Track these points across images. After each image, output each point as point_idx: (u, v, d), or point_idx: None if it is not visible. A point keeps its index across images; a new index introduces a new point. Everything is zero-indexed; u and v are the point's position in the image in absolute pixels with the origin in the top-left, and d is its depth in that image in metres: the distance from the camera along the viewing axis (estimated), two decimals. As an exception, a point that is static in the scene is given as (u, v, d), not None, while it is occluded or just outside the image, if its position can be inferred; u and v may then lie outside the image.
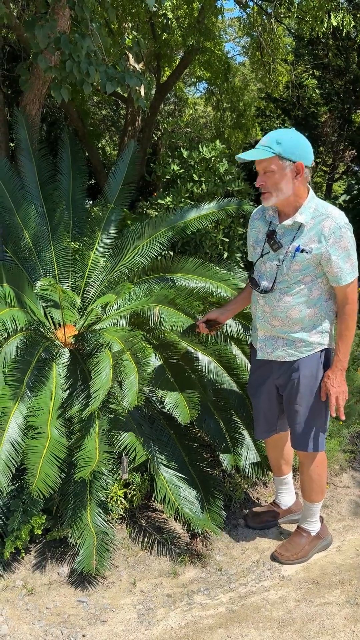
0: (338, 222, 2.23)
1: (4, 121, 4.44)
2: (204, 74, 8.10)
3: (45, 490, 2.34)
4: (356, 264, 2.28)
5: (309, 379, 2.41)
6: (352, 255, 2.26)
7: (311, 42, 9.15)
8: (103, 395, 2.51)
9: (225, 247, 4.59)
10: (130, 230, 3.93)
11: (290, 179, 2.21)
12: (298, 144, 2.19)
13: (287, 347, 2.41)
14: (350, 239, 2.25)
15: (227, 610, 2.39)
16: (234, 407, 3.07)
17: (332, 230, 2.22)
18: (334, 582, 2.53)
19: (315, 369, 2.41)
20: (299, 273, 2.29)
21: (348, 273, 2.26)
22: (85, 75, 3.36)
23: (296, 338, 2.38)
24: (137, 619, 2.34)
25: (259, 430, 2.68)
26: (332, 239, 2.22)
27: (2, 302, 3.00)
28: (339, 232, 2.22)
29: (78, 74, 3.34)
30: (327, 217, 2.23)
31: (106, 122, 10.52)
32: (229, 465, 2.83)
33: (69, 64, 3.29)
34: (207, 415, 2.97)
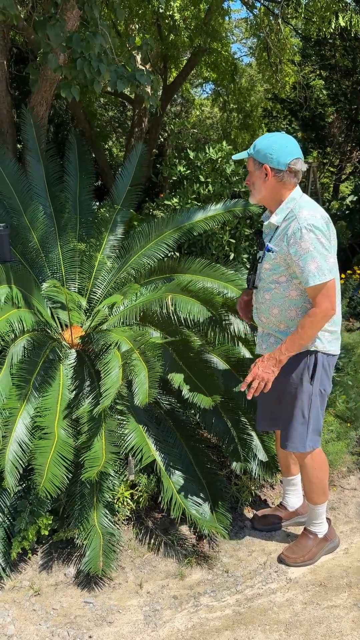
0: (301, 223, 2.26)
1: (11, 123, 4.45)
2: (211, 75, 8.10)
3: (53, 490, 2.34)
4: (324, 268, 2.24)
5: (295, 380, 2.45)
6: (317, 257, 2.23)
7: (318, 43, 9.13)
8: (114, 393, 2.51)
9: (232, 248, 4.59)
10: (137, 232, 3.93)
11: (262, 180, 2.36)
12: (269, 147, 2.31)
13: (277, 344, 2.49)
14: (313, 240, 2.23)
15: (234, 613, 2.38)
16: (242, 408, 3.06)
17: (293, 231, 2.27)
18: (341, 585, 2.52)
19: (301, 372, 2.43)
20: (270, 272, 2.39)
21: (312, 275, 2.24)
22: (96, 74, 3.37)
23: (283, 337, 2.44)
24: (143, 621, 2.33)
25: (259, 422, 2.71)
26: (292, 239, 2.27)
27: (9, 303, 3.01)
28: (299, 233, 2.25)
29: (89, 73, 3.34)
30: (294, 218, 2.29)
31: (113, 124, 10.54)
32: (237, 467, 2.82)
33: (79, 62, 3.30)
34: (216, 416, 2.96)
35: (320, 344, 2.41)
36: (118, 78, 3.47)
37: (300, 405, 2.46)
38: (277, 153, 2.31)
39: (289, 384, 2.46)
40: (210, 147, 4.69)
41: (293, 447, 2.50)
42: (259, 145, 2.34)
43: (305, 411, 2.46)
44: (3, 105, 4.34)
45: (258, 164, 2.35)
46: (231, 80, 7.64)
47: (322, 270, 2.24)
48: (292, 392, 2.46)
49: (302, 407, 2.46)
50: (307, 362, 2.42)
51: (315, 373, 2.43)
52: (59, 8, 3.48)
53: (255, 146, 2.35)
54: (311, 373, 2.43)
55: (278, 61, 7.11)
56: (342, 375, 3.94)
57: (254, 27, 7.14)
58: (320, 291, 2.28)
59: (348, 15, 5.63)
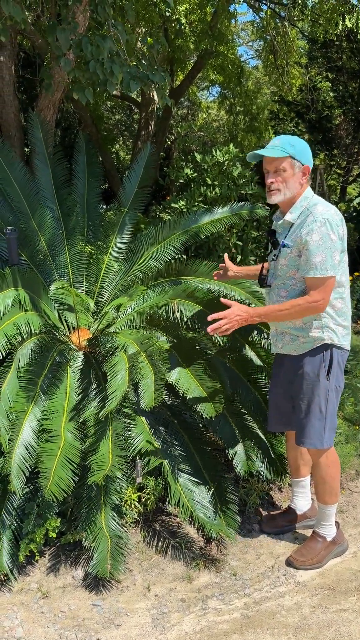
0: (316, 216, 2.32)
1: (18, 126, 4.48)
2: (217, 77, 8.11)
3: (59, 493, 2.34)
4: (328, 263, 2.29)
5: (311, 376, 2.47)
6: (324, 251, 2.29)
7: (325, 45, 9.12)
8: (120, 396, 2.51)
9: (239, 251, 4.58)
10: (144, 234, 3.94)
11: (297, 180, 2.39)
12: (306, 149, 2.40)
13: (292, 342, 2.51)
14: (324, 234, 2.29)
15: (242, 616, 2.37)
16: (250, 411, 3.06)
17: (308, 224, 2.33)
18: (350, 589, 2.50)
19: (317, 367, 2.46)
20: (287, 268, 2.43)
21: (314, 267, 2.30)
22: (109, 75, 3.38)
23: (299, 333, 2.47)
24: (151, 624, 2.33)
25: (270, 422, 2.73)
26: (306, 230, 2.32)
27: (17, 306, 3.02)
28: (313, 225, 2.31)
29: (102, 74, 3.36)
30: (310, 213, 2.35)
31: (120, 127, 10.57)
32: (242, 470, 2.81)
33: (92, 64, 3.31)
34: (222, 418, 2.96)
35: (335, 338, 2.45)
36: (131, 79, 3.48)
37: (317, 401, 2.47)
38: (310, 155, 2.40)
39: (305, 380, 2.48)
40: (217, 149, 4.69)
41: (310, 444, 2.50)
42: (298, 146, 2.36)
43: (322, 407, 2.47)
44: (10, 109, 4.37)
45: (298, 164, 2.37)
46: (238, 83, 7.65)
47: (325, 264, 2.30)
48: (308, 388, 2.48)
49: (320, 402, 2.47)
50: (324, 358, 2.45)
51: (332, 369, 2.45)
52: (70, 11, 3.49)
53: (294, 146, 2.35)
54: (327, 368, 2.45)
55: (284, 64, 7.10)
56: (351, 378, 3.92)
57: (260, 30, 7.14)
58: (317, 284, 2.33)
59: (355, 17, 5.62)
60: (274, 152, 2.34)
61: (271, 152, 2.34)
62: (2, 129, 4.42)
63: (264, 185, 2.51)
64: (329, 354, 2.46)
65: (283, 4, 6.49)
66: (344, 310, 2.47)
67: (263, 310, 2.42)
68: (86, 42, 3.30)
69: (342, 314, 2.47)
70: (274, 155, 2.34)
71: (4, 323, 2.85)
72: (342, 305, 2.46)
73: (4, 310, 2.92)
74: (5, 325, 2.84)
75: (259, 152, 2.38)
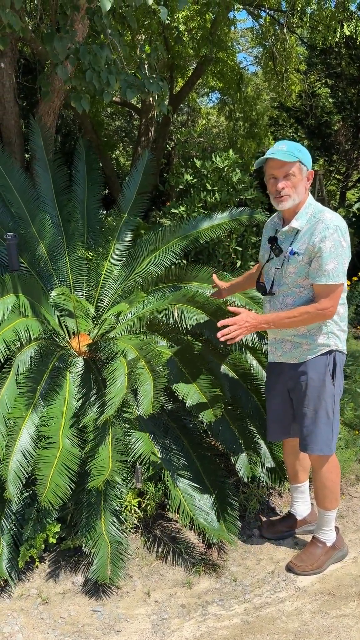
0: (327, 223, 2.32)
1: (19, 133, 4.49)
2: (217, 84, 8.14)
3: (55, 501, 2.34)
4: (340, 270, 2.30)
5: (316, 382, 2.46)
6: (335, 259, 2.30)
7: (324, 52, 9.17)
8: (119, 402, 2.51)
9: (238, 256, 4.59)
10: (144, 240, 3.95)
11: (304, 185, 2.39)
12: (309, 155, 2.41)
13: (294, 349, 2.49)
14: (336, 241, 2.30)
15: (242, 622, 2.36)
16: (249, 415, 3.06)
17: (320, 231, 2.32)
18: (351, 594, 2.50)
19: (322, 373, 2.45)
20: (296, 276, 2.41)
21: (326, 274, 2.30)
22: (105, 85, 3.40)
23: (303, 340, 2.45)
24: (151, 630, 2.32)
25: (271, 432, 2.72)
26: (318, 237, 2.32)
27: (16, 311, 3.02)
28: (325, 232, 2.31)
29: (98, 84, 3.38)
30: (319, 221, 2.34)
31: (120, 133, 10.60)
32: (245, 474, 2.81)
33: (89, 74, 3.34)
34: (223, 424, 2.96)
35: (340, 344, 2.47)
36: (128, 87, 3.50)
37: (324, 406, 2.46)
38: (310, 160, 2.42)
39: (310, 386, 2.46)
40: (216, 155, 4.71)
41: (319, 450, 2.49)
42: (303, 151, 2.37)
43: (329, 412, 2.47)
44: (11, 116, 4.39)
45: (305, 169, 2.37)
46: (237, 89, 7.67)
47: (337, 271, 2.30)
48: (314, 394, 2.46)
49: (327, 408, 2.46)
50: (328, 363, 2.45)
51: (336, 373, 2.46)
52: (68, 19, 3.52)
53: (300, 151, 2.35)
54: (332, 373, 2.45)
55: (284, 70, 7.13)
56: (350, 383, 3.92)
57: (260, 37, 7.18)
58: (328, 292, 2.32)
59: (353, 24, 5.65)
60: (287, 157, 2.31)
61: (285, 157, 2.31)
62: (3, 135, 4.44)
63: (264, 191, 2.51)
64: (332, 358, 2.46)
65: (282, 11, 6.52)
66: (345, 315, 2.49)
67: (271, 317, 2.41)
68: (84, 50, 3.32)
69: (344, 319, 2.48)
70: (288, 159, 2.30)
71: (3, 329, 2.85)
72: (344, 310, 2.48)
73: (3, 316, 2.93)
74: (4, 331, 2.85)
75: (274, 156, 2.31)
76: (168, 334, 3.19)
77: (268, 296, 2.54)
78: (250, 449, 2.92)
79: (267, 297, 2.54)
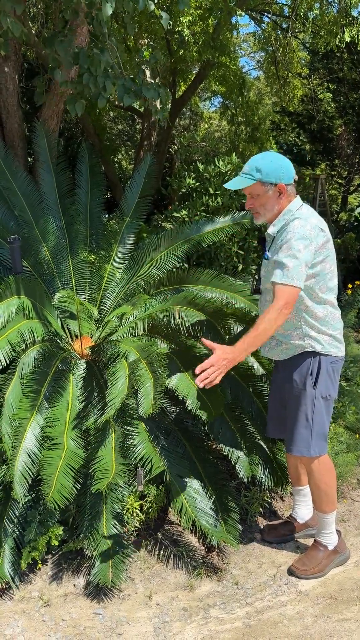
0: (289, 229, 2.38)
1: (22, 136, 4.51)
2: (219, 88, 8.16)
3: (61, 501, 2.34)
4: (292, 273, 2.29)
5: (298, 384, 2.51)
6: (292, 261, 2.30)
7: (326, 56, 9.20)
8: (119, 403, 2.52)
9: (240, 260, 4.60)
10: (146, 243, 3.96)
11: (274, 199, 2.44)
12: (277, 166, 2.40)
13: (277, 346, 2.57)
14: (294, 246, 2.31)
15: (244, 625, 2.36)
16: (251, 417, 3.06)
17: (282, 238, 2.40)
18: (352, 598, 2.50)
19: (304, 376, 2.50)
20: (265, 279, 2.53)
21: (283, 275, 2.31)
22: (101, 89, 3.42)
23: (282, 339, 2.52)
24: (153, 633, 2.32)
25: (269, 428, 2.77)
26: (279, 244, 2.40)
27: (20, 314, 3.03)
28: (285, 238, 2.37)
29: (94, 88, 3.40)
30: (286, 229, 2.40)
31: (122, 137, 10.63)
32: (245, 475, 2.81)
33: (85, 78, 3.36)
34: (223, 425, 2.96)
35: (319, 346, 2.47)
36: (125, 92, 3.52)
37: (303, 409, 2.50)
38: (286, 169, 2.43)
39: (293, 388, 2.53)
40: (219, 159, 4.72)
41: (297, 451, 2.54)
42: (265, 168, 2.39)
43: (308, 415, 2.50)
44: (14, 119, 4.41)
45: (270, 185, 2.41)
46: (239, 94, 7.70)
47: (290, 273, 2.30)
48: (296, 395, 2.52)
49: (306, 411, 2.50)
50: (311, 367, 2.48)
51: (319, 378, 2.47)
52: (68, 24, 3.54)
53: (260, 170, 2.39)
54: (314, 378, 2.48)
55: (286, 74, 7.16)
56: (352, 385, 3.92)
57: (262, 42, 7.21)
58: (279, 292, 2.31)
59: (355, 29, 5.68)
60: (241, 183, 2.40)
61: (238, 184, 2.41)
62: (6, 138, 4.45)
63: None
64: (316, 362, 2.48)
65: (284, 15, 6.55)
66: (327, 319, 2.47)
67: (245, 343, 2.32)
68: (83, 54, 3.34)
69: (325, 323, 2.46)
70: (240, 186, 2.41)
71: (7, 330, 2.86)
72: (324, 314, 2.46)
73: (8, 317, 2.94)
74: (9, 333, 2.86)
75: (225, 185, 2.47)
76: (169, 336, 3.20)
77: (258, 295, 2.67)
78: (250, 450, 2.92)
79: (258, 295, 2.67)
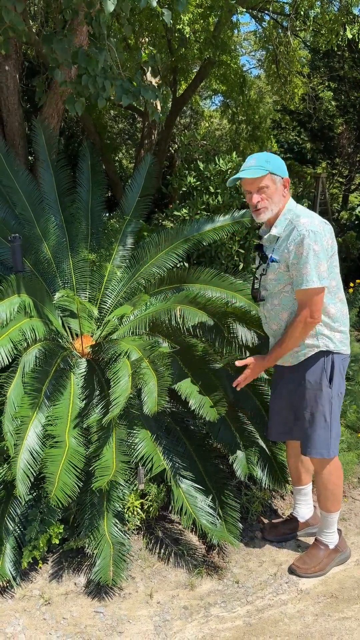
0: (300, 230, 2.35)
1: (23, 135, 4.51)
2: (220, 87, 8.16)
3: (64, 499, 2.35)
4: (313, 275, 2.31)
5: (313, 385, 2.48)
6: (308, 264, 2.31)
7: (327, 55, 9.19)
8: (123, 402, 2.52)
9: (241, 258, 4.60)
10: (147, 242, 3.96)
11: (280, 194, 2.44)
12: (282, 163, 2.46)
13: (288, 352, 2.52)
14: (307, 246, 2.31)
15: (245, 624, 2.37)
16: (251, 418, 3.06)
17: (293, 238, 2.36)
18: (353, 597, 2.50)
19: (319, 376, 2.47)
20: (276, 282, 2.47)
21: (303, 280, 2.33)
22: (100, 89, 3.42)
23: None
24: (153, 631, 2.33)
25: (271, 431, 2.74)
26: (292, 245, 2.36)
27: (21, 312, 3.03)
28: (298, 239, 2.34)
29: (93, 88, 3.40)
30: (295, 227, 2.38)
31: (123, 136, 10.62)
32: (242, 473, 2.81)
33: (84, 78, 3.36)
34: (223, 424, 2.96)
35: (332, 345, 2.46)
36: (124, 93, 3.52)
37: (321, 410, 2.48)
38: (285, 167, 2.45)
39: (307, 390, 2.49)
40: (219, 158, 4.72)
41: (318, 453, 2.50)
42: (273, 162, 2.41)
43: (327, 415, 2.48)
44: (15, 118, 4.40)
45: (278, 178, 2.42)
46: (240, 92, 7.69)
47: (311, 276, 2.32)
48: (311, 397, 2.48)
49: (324, 412, 2.48)
50: (325, 366, 2.46)
51: (334, 376, 2.46)
52: (67, 23, 3.54)
53: (269, 162, 2.40)
54: (329, 376, 2.46)
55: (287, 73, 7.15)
56: (353, 385, 3.92)
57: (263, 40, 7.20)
58: (306, 298, 2.36)
59: (356, 27, 5.67)
60: (254, 173, 2.39)
61: (251, 174, 2.39)
62: (7, 137, 4.45)
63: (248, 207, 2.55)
64: (330, 361, 2.47)
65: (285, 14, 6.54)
66: (338, 315, 2.48)
67: (272, 356, 2.52)
68: (82, 54, 3.34)
69: (337, 320, 2.47)
70: (254, 175, 2.38)
71: (9, 329, 2.87)
72: (336, 310, 2.47)
73: (10, 316, 2.94)
74: (11, 331, 2.86)
75: (239, 176, 2.41)
76: (170, 335, 3.20)
77: (260, 302, 2.61)
78: (250, 452, 2.92)
79: (260, 302, 2.61)
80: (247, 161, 2.45)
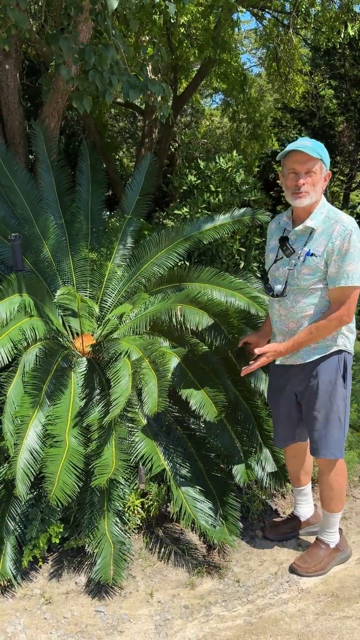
0: (346, 225, 2.30)
1: (23, 134, 4.51)
2: (221, 85, 8.14)
3: (64, 498, 2.35)
4: (357, 273, 2.28)
5: (327, 385, 2.43)
6: (353, 261, 2.28)
7: (327, 53, 9.17)
8: (123, 402, 2.52)
9: (242, 257, 4.59)
10: (147, 241, 3.96)
11: (322, 184, 2.36)
12: (328, 156, 2.37)
13: (302, 351, 2.45)
14: (355, 243, 2.27)
15: (245, 623, 2.36)
16: (250, 416, 3.05)
17: (339, 233, 2.30)
18: (354, 596, 2.50)
19: (333, 375, 2.42)
20: (310, 276, 2.36)
21: (345, 276, 2.28)
22: (108, 85, 3.41)
23: None
24: (154, 630, 2.32)
25: (278, 439, 2.70)
26: (338, 241, 2.29)
27: (22, 311, 3.03)
28: (344, 234, 2.28)
29: (100, 84, 3.38)
30: (337, 222, 2.32)
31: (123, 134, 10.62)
32: (241, 479, 2.81)
33: (91, 74, 3.34)
34: (222, 426, 2.96)
35: (348, 344, 2.45)
36: (130, 88, 3.51)
37: (336, 410, 2.44)
38: (329, 160, 2.37)
39: (321, 390, 2.43)
40: (220, 157, 4.71)
41: (331, 454, 2.47)
42: (324, 152, 2.32)
43: (341, 416, 2.46)
44: (15, 117, 4.40)
45: (325, 169, 2.34)
46: (241, 91, 7.67)
47: (356, 273, 2.27)
48: (325, 397, 2.43)
49: (338, 412, 2.45)
50: (339, 365, 2.43)
51: (347, 376, 2.44)
52: (72, 20, 3.53)
53: (323, 150, 2.31)
54: (343, 377, 2.43)
55: (287, 71, 7.13)
56: (354, 383, 3.92)
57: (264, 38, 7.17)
58: (345, 296, 2.30)
59: (357, 25, 5.66)
60: (313, 152, 2.26)
61: (311, 152, 2.25)
62: (7, 136, 4.45)
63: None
64: (342, 360, 2.44)
65: (286, 12, 6.52)
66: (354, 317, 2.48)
67: (296, 341, 2.40)
68: (89, 51, 3.33)
69: (353, 320, 2.47)
70: (313, 155, 2.26)
71: (9, 328, 2.86)
72: None
73: (10, 315, 2.94)
74: (11, 330, 2.86)
75: (301, 148, 2.25)
76: (171, 334, 3.19)
77: (277, 297, 2.46)
78: (249, 452, 2.92)
79: (277, 298, 2.47)
80: (300, 140, 2.31)
